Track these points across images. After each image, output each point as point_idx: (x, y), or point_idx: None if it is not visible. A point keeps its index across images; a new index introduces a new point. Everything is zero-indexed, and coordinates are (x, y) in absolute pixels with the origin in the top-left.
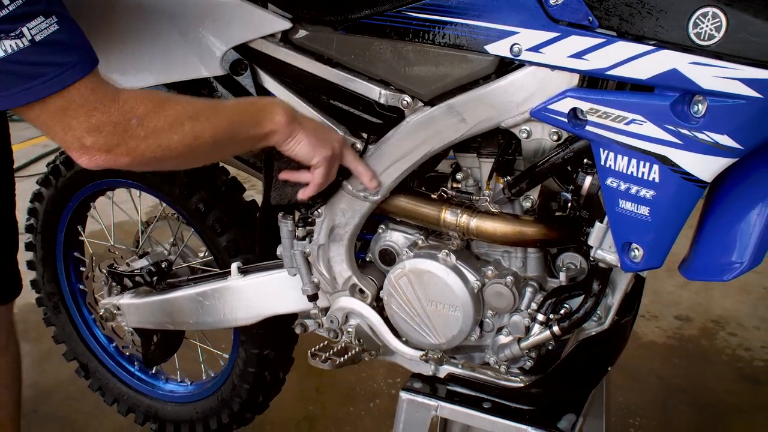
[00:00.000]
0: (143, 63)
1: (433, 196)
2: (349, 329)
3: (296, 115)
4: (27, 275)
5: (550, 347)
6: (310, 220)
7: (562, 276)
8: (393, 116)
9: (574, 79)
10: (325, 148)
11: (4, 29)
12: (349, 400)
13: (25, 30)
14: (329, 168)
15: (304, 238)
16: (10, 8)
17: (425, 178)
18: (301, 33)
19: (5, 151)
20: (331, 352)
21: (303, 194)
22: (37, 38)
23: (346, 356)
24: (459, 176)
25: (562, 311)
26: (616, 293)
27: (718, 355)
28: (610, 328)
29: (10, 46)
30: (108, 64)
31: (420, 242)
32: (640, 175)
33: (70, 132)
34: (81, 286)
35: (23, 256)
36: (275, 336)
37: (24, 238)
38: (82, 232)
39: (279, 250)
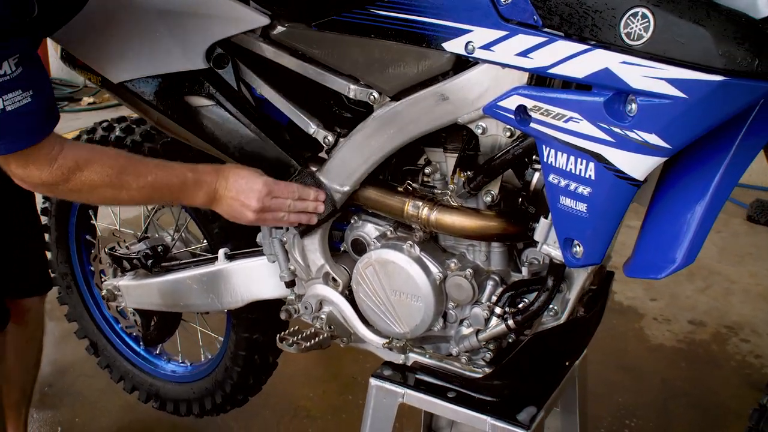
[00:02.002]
0: (132, 56)
1: (399, 188)
2: (322, 316)
3: (217, 192)
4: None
5: (510, 340)
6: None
7: (525, 271)
8: (362, 110)
9: (524, 77)
10: (249, 203)
11: None
12: (349, 388)
13: (0, 101)
14: (269, 215)
15: (281, 227)
16: None
17: (403, 171)
18: (279, 29)
19: None
20: (299, 336)
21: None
22: (8, 108)
23: (313, 341)
24: (428, 170)
25: (520, 305)
26: (572, 288)
27: (727, 361)
28: (566, 322)
29: None
30: (99, 56)
31: (389, 233)
32: (577, 173)
33: (11, 171)
34: (91, 268)
35: None
36: (264, 321)
37: (41, 220)
38: (93, 216)
39: (259, 238)
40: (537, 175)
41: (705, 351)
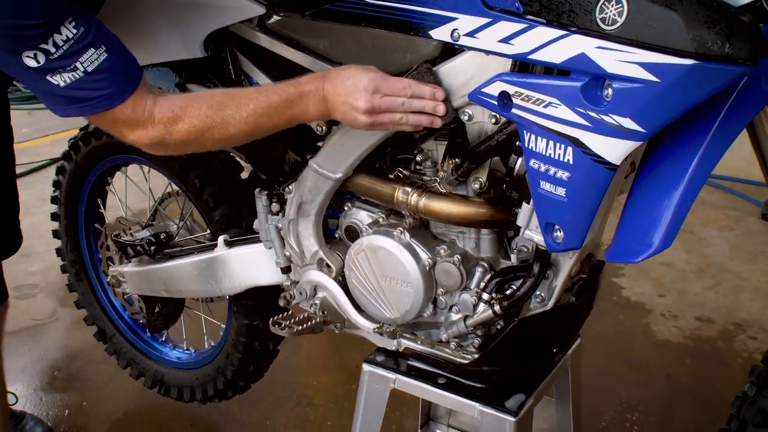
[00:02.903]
0: (132, 44)
1: (390, 176)
2: (316, 301)
3: (327, 99)
4: (53, 243)
5: (498, 327)
6: (284, 196)
7: (514, 258)
8: None
9: (507, 63)
10: (358, 105)
11: (61, 65)
12: (353, 378)
13: (78, 64)
14: (385, 117)
15: (277, 213)
16: (64, 48)
17: (397, 159)
18: (274, 18)
19: (4, 119)
20: (292, 321)
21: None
22: (89, 69)
23: (305, 325)
24: (419, 158)
25: (508, 291)
26: (559, 275)
27: (733, 358)
28: (552, 309)
29: (69, 77)
30: None
31: (381, 220)
32: (557, 157)
33: (123, 135)
34: (99, 255)
35: (50, 225)
36: (264, 307)
37: (50, 208)
38: (101, 205)
39: (255, 224)
40: (520, 160)
41: (711, 348)
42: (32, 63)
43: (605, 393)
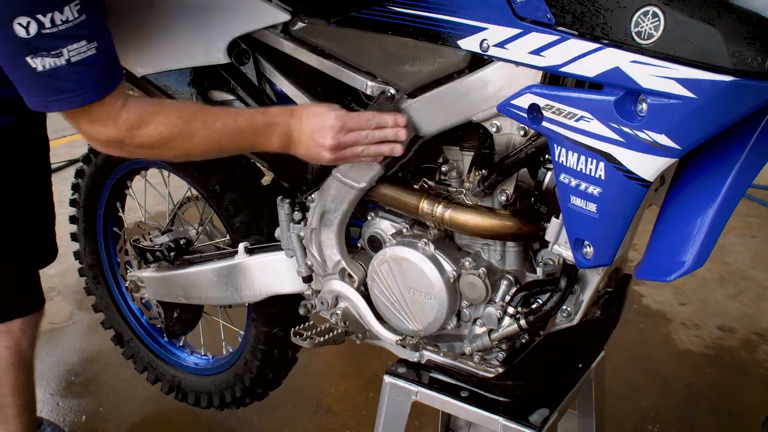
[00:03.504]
0: (155, 50)
1: (415, 186)
2: (338, 311)
3: (292, 134)
4: (71, 246)
5: (523, 340)
6: (306, 204)
7: (539, 271)
8: None
9: (537, 75)
10: (324, 142)
11: (47, 46)
12: (371, 386)
13: (65, 51)
14: (349, 152)
15: (299, 222)
16: (59, 28)
17: (421, 169)
18: (299, 25)
19: (42, 133)
20: (313, 331)
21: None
22: (73, 59)
23: (327, 336)
24: (444, 168)
25: (533, 305)
26: (586, 290)
27: (755, 368)
28: (580, 324)
29: (50, 63)
30: (122, 49)
31: (404, 231)
32: (588, 172)
33: (78, 127)
34: (118, 259)
35: (69, 228)
36: (284, 315)
37: (68, 210)
38: (120, 209)
39: (277, 233)
40: (549, 174)
41: (733, 357)
42: (22, 32)
43: (626, 403)
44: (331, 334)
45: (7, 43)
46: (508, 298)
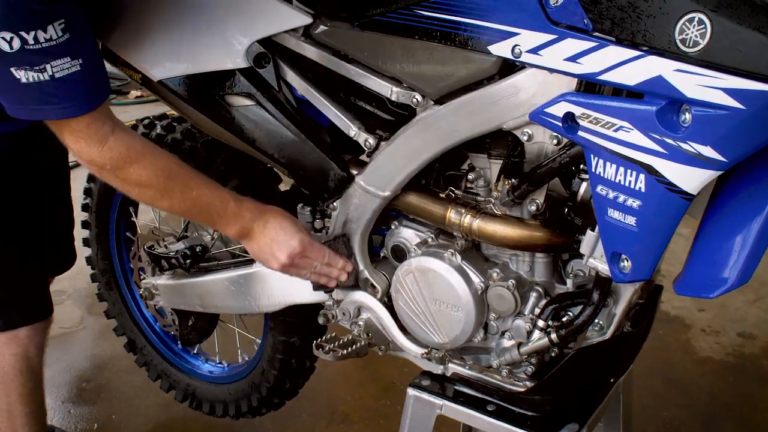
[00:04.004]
0: (172, 53)
1: (441, 195)
2: (360, 322)
3: (252, 231)
4: (81, 250)
5: (553, 354)
6: (326, 212)
7: (569, 283)
8: (404, 114)
9: (572, 83)
10: (279, 256)
11: (31, 61)
12: (387, 393)
13: (48, 67)
14: (293, 270)
15: (320, 230)
16: (42, 46)
17: (446, 177)
18: (321, 28)
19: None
20: (336, 344)
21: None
22: (57, 75)
23: (350, 348)
24: (471, 176)
25: (564, 318)
26: (619, 303)
27: None
28: (612, 338)
29: (33, 76)
30: (139, 53)
31: (430, 240)
32: (627, 184)
33: (63, 139)
34: (131, 265)
35: (80, 234)
36: (302, 324)
37: (82, 216)
38: (133, 214)
39: None
40: (584, 185)
41: (753, 365)
42: (5, 47)
43: (647, 412)
44: (354, 346)
45: None
46: (537, 310)
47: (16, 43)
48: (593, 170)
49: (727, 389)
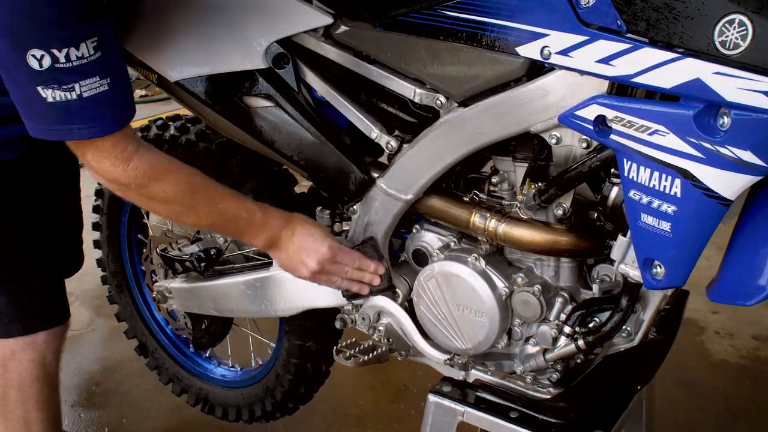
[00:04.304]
0: (189, 54)
1: (465, 198)
2: (380, 328)
3: (280, 240)
4: (89, 250)
5: (578, 360)
6: (346, 215)
7: (595, 288)
8: (428, 116)
9: (603, 85)
10: (308, 263)
11: (60, 80)
12: (401, 397)
13: (77, 86)
14: (324, 277)
15: (340, 234)
16: (74, 64)
17: (467, 180)
18: (342, 29)
19: None
20: (357, 349)
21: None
22: (85, 95)
23: (371, 354)
24: (495, 180)
25: (590, 325)
26: (647, 309)
27: None
28: (639, 345)
29: (60, 95)
30: (156, 54)
31: (452, 244)
32: (662, 189)
33: (85, 159)
34: (143, 267)
35: (91, 235)
36: (318, 329)
37: (92, 218)
38: (145, 215)
39: None
40: (615, 189)
41: None
42: (35, 64)
43: (663, 416)
44: (375, 352)
45: (19, 69)
46: (563, 316)
47: (47, 62)
48: (626, 174)
49: (743, 393)
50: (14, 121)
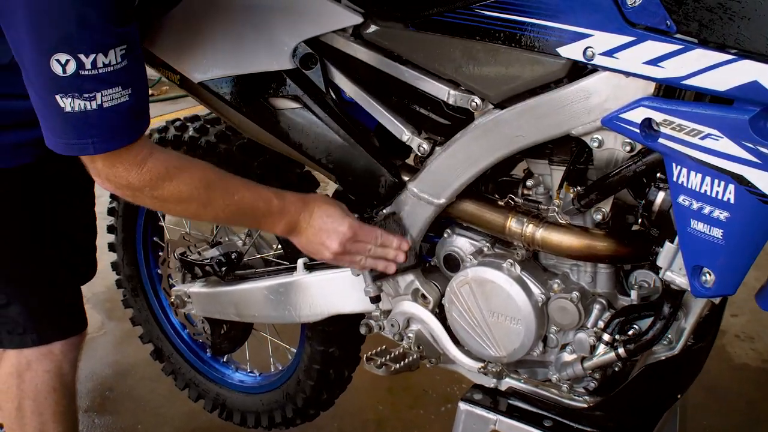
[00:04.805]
0: (215, 55)
1: (500, 202)
2: (410, 334)
3: (299, 224)
4: (108, 257)
5: (616, 369)
6: (375, 220)
7: (634, 294)
8: (462, 118)
9: (650, 87)
10: (329, 244)
11: (82, 88)
12: (420, 402)
13: (99, 95)
14: (347, 258)
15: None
16: (99, 71)
17: (498, 183)
18: (372, 28)
19: None
20: (388, 357)
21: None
22: (105, 105)
23: (402, 362)
24: (529, 183)
25: (630, 332)
26: (689, 317)
27: None
28: (680, 353)
29: (80, 105)
30: (180, 54)
31: (485, 250)
32: (714, 195)
33: (98, 168)
34: (158, 271)
35: (105, 238)
36: (341, 334)
37: (107, 221)
38: (161, 218)
39: None
40: (661, 194)
41: None
42: (58, 69)
43: (687, 421)
44: (406, 360)
45: (39, 74)
46: (601, 323)
47: (71, 67)
48: (675, 179)
49: (766, 397)
50: (27, 125)
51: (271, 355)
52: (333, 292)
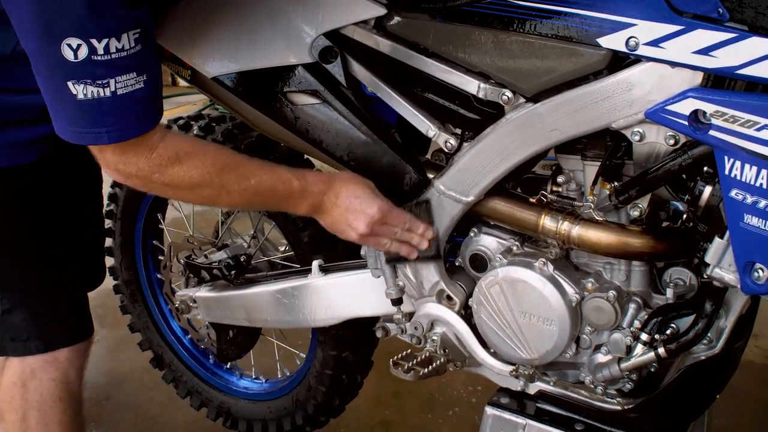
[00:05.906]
0: (229, 48)
1: (531, 199)
2: (434, 337)
3: (323, 204)
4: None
5: (652, 370)
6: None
7: (669, 292)
8: (492, 112)
9: (697, 77)
10: (357, 226)
11: (95, 74)
12: (428, 406)
13: (112, 81)
14: (373, 239)
15: None
16: (112, 56)
17: (522, 180)
18: (396, 20)
19: None
20: (415, 361)
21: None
22: (119, 92)
23: (430, 367)
24: (560, 179)
25: (668, 331)
26: (730, 315)
27: None
28: (720, 353)
29: (93, 92)
30: (192, 48)
31: (515, 249)
32: None
33: (106, 160)
34: (159, 276)
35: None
36: (354, 338)
37: (105, 223)
38: (161, 220)
39: (363, 251)
40: (709, 189)
41: None
42: (69, 55)
43: (698, 421)
44: (433, 364)
45: (50, 59)
46: (637, 323)
47: (83, 52)
48: (727, 173)
49: None
50: (32, 122)
51: (277, 360)
52: (351, 295)
